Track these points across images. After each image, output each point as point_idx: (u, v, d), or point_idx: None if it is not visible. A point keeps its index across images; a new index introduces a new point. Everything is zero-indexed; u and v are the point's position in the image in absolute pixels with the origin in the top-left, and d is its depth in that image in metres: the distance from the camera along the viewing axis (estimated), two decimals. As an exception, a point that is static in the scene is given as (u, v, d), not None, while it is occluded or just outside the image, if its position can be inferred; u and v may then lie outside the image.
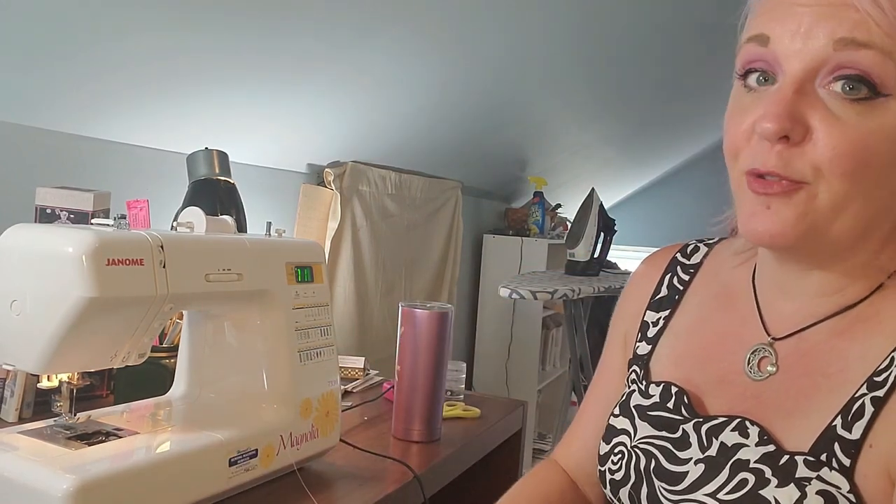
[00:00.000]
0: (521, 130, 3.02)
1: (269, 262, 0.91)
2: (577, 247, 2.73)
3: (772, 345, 0.64)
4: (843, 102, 0.52)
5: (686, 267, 0.77)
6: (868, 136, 0.52)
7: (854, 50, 0.51)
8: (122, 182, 1.52)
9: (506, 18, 2.01)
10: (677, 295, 0.76)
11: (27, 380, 1.07)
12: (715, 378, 0.67)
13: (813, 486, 0.55)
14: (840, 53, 0.51)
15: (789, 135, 0.53)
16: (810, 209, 0.54)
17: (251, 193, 1.62)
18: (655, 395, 0.69)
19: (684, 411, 0.66)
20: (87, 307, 0.70)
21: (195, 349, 0.96)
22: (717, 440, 0.62)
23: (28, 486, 0.69)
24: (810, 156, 0.53)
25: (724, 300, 0.72)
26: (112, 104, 1.46)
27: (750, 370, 0.65)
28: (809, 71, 0.53)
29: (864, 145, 0.52)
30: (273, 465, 0.89)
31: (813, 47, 0.52)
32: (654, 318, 0.76)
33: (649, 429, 0.68)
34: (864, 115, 0.52)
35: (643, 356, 0.75)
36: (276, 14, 1.48)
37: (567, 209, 3.86)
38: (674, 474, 0.63)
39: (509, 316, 3.42)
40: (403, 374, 1.14)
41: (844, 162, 0.52)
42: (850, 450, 0.55)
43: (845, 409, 0.57)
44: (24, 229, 0.75)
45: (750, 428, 0.61)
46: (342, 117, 2.08)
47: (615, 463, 0.70)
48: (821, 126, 0.53)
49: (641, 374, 0.74)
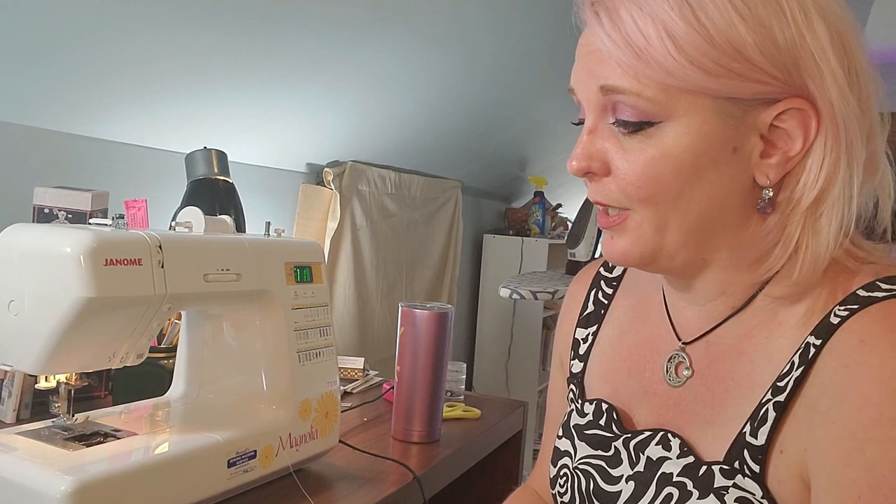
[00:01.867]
0: (521, 130, 3.02)
1: (269, 263, 0.91)
2: (578, 247, 2.73)
3: (683, 349, 0.67)
4: (625, 136, 0.58)
5: (609, 280, 0.79)
6: (651, 162, 0.57)
7: (614, 94, 0.57)
8: (121, 182, 1.51)
9: (505, 18, 2.01)
10: (603, 309, 0.78)
11: (25, 380, 1.07)
12: (640, 390, 0.69)
13: (731, 494, 0.57)
14: (607, 98, 0.58)
15: (591, 171, 0.61)
16: (640, 235, 0.61)
17: (250, 193, 1.62)
18: (589, 414, 0.71)
19: (615, 428, 0.68)
20: (86, 307, 0.70)
21: (194, 350, 0.95)
22: (643, 455, 0.64)
23: (26, 487, 0.69)
24: (617, 185, 0.60)
25: (642, 311, 0.74)
26: (110, 104, 1.46)
27: (669, 378, 0.67)
28: (596, 116, 0.60)
29: (649, 170, 0.57)
30: (272, 466, 0.88)
31: (591, 96, 0.60)
32: (584, 335, 0.78)
33: (587, 448, 0.70)
34: (644, 143, 0.57)
35: (577, 374, 0.77)
36: (276, 14, 1.47)
37: (567, 209, 3.86)
38: (609, 494, 0.65)
39: (509, 316, 3.42)
40: (403, 375, 1.14)
41: (638, 188, 0.58)
42: (757, 455, 0.57)
43: (753, 416, 0.58)
44: (22, 229, 0.75)
45: (672, 440, 0.63)
46: (341, 117, 2.08)
47: (562, 486, 0.72)
48: (614, 159, 0.60)
49: (577, 393, 0.76)
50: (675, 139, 0.57)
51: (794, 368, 0.57)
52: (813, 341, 0.57)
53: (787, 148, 0.57)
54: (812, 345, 0.57)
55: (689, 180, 0.57)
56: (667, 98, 0.56)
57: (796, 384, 0.56)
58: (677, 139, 0.56)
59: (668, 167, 0.57)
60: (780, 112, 0.56)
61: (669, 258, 0.61)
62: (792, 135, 0.57)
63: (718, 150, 0.57)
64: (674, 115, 0.56)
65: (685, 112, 0.56)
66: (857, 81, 0.56)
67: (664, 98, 0.56)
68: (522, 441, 1.40)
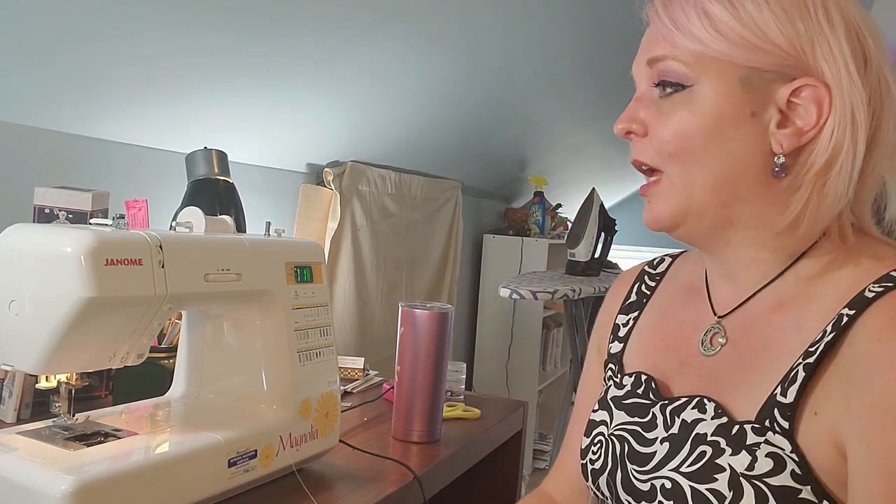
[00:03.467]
0: (521, 130, 3.02)
1: (269, 263, 0.91)
2: (578, 247, 2.73)
3: (719, 322, 0.74)
4: (663, 100, 0.68)
5: (652, 276, 0.87)
6: (681, 119, 0.66)
7: (656, 63, 0.68)
8: (121, 182, 1.51)
9: (506, 18, 2.01)
10: (645, 299, 0.85)
11: (26, 380, 1.07)
12: (677, 363, 0.75)
13: (762, 449, 0.61)
14: (653, 70, 0.69)
15: (631, 131, 0.70)
16: (672, 193, 0.69)
17: (250, 193, 1.62)
18: (628, 385, 0.77)
19: (652, 395, 0.74)
20: (86, 307, 0.70)
21: (194, 349, 0.95)
22: (678, 418, 0.69)
23: (27, 486, 0.69)
24: (651, 144, 0.69)
25: (683, 295, 0.81)
26: (111, 104, 1.46)
27: (704, 348, 0.73)
28: (643, 86, 0.71)
29: (679, 126, 0.67)
30: (272, 466, 0.88)
31: (641, 70, 0.71)
32: (625, 320, 0.85)
33: (624, 416, 0.74)
34: (676, 104, 0.67)
35: (616, 354, 0.83)
36: (276, 14, 1.47)
37: (567, 209, 3.86)
38: (643, 455, 0.70)
39: (509, 316, 3.42)
40: (403, 375, 1.14)
41: (668, 142, 0.67)
42: (786, 413, 0.62)
43: (783, 379, 0.64)
44: (23, 229, 0.75)
45: (707, 404, 0.68)
46: (342, 117, 2.08)
47: (595, 453, 0.76)
48: (651, 121, 0.69)
49: (616, 370, 0.81)
50: (702, 99, 0.66)
51: (825, 335, 0.62)
52: (847, 312, 0.62)
53: (802, 121, 0.65)
54: (846, 315, 0.62)
55: (711, 136, 0.66)
56: (698, 64, 0.65)
57: (827, 348, 0.62)
58: (704, 99, 0.66)
59: (694, 123, 0.66)
60: (797, 88, 0.64)
61: (697, 217, 0.69)
62: (807, 109, 0.64)
63: (739, 112, 0.65)
64: (703, 79, 0.65)
65: (713, 76, 0.65)
66: (866, 69, 0.64)
67: (696, 64, 0.65)
68: (522, 441, 1.40)
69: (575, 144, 3.55)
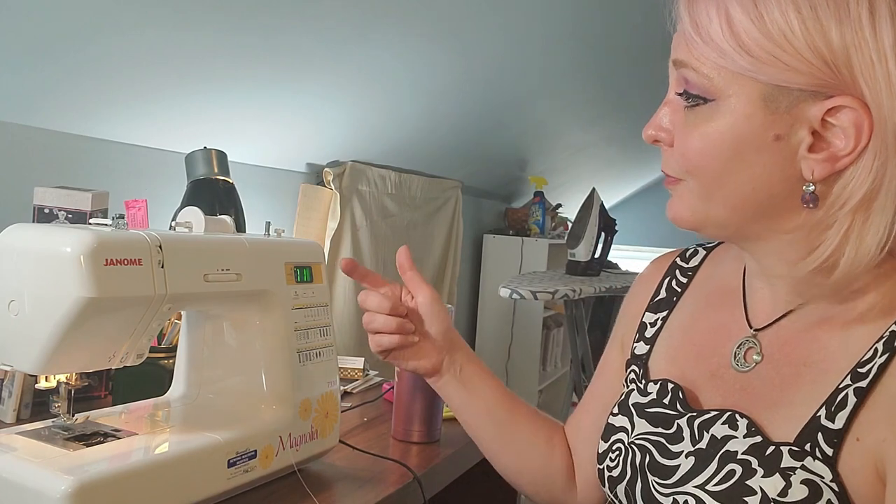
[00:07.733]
0: (521, 130, 3.02)
1: (269, 263, 0.91)
2: (578, 247, 2.73)
3: (755, 336, 0.68)
4: (686, 111, 0.63)
5: (684, 270, 0.81)
6: (700, 136, 0.61)
7: (681, 67, 0.62)
8: (121, 182, 1.51)
9: (506, 18, 2.01)
10: (675, 297, 0.79)
11: (25, 380, 1.07)
12: (707, 373, 0.70)
13: (798, 475, 0.57)
14: (679, 72, 0.63)
15: (658, 140, 0.66)
16: (688, 201, 0.65)
17: (250, 193, 1.62)
18: (653, 393, 0.72)
19: (679, 406, 0.69)
20: (86, 307, 0.70)
21: (194, 350, 0.95)
22: (707, 433, 0.65)
23: (26, 487, 0.69)
24: (675, 155, 0.65)
25: (717, 298, 0.75)
26: (110, 103, 1.46)
27: (737, 363, 0.68)
28: (672, 88, 0.65)
29: (697, 143, 0.62)
30: (272, 466, 0.88)
31: (671, 69, 0.65)
32: (653, 319, 0.79)
33: (646, 425, 0.70)
34: (698, 117, 0.62)
35: (641, 356, 0.77)
36: (276, 14, 1.47)
37: (567, 209, 3.86)
38: (666, 468, 0.66)
39: (509, 316, 3.42)
40: (403, 375, 1.14)
41: (687, 159, 0.63)
42: (832, 439, 0.57)
43: (829, 400, 0.59)
44: (22, 229, 0.75)
45: (739, 420, 0.63)
46: (341, 117, 2.08)
47: (613, 460, 0.72)
48: (676, 131, 0.64)
49: (640, 374, 0.76)
50: (721, 118, 0.60)
51: (877, 355, 0.58)
52: None
53: (837, 146, 0.57)
54: None
55: (731, 158, 0.61)
56: (719, 78, 0.60)
57: (880, 371, 0.57)
58: (723, 118, 0.60)
59: (712, 143, 0.61)
60: (832, 108, 0.57)
61: (719, 227, 0.65)
62: (845, 133, 0.57)
63: (759, 136, 0.59)
64: (724, 96, 0.60)
65: (734, 94, 0.59)
66: None
67: (717, 77, 0.60)
68: (522, 441, 1.40)
69: (575, 144, 3.55)
